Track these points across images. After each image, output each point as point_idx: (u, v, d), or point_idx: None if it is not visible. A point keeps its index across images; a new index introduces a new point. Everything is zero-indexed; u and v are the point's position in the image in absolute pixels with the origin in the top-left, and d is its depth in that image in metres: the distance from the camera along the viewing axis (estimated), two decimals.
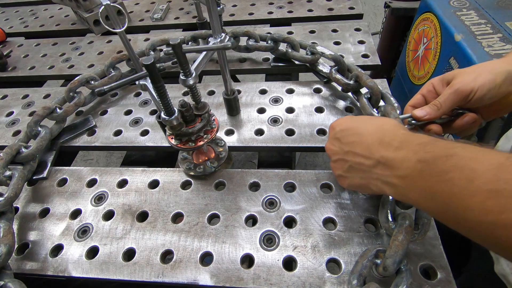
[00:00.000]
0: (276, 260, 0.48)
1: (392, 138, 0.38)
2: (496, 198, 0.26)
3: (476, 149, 0.30)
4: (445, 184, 0.30)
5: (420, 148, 0.34)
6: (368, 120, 0.44)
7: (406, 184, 0.35)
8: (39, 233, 0.56)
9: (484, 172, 0.27)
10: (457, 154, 0.30)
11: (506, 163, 0.27)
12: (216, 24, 0.57)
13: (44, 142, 0.65)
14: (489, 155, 0.29)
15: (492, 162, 0.28)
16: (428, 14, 1.04)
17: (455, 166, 0.29)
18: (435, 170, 0.31)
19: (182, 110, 0.50)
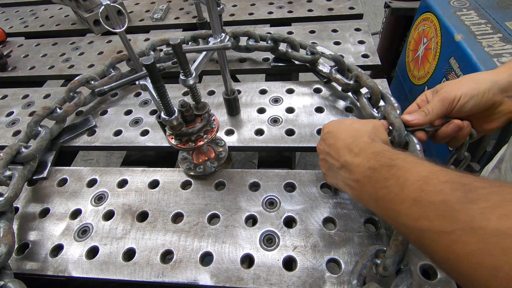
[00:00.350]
0: (276, 260, 0.48)
1: (355, 144, 0.41)
2: (417, 206, 0.29)
3: (414, 161, 0.34)
4: (385, 190, 0.34)
5: (372, 156, 0.38)
6: (349, 125, 0.47)
7: (359, 187, 0.39)
8: (39, 233, 0.56)
9: (413, 182, 0.31)
10: (397, 164, 0.34)
11: (430, 175, 0.30)
12: (216, 24, 0.57)
13: (44, 142, 0.65)
14: (421, 167, 0.32)
15: (421, 173, 0.31)
16: (428, 14, 1.04)
17: (394, 175, 0.33)
18: (379, 177, 0.35)
19: (182, 110, 0.50)
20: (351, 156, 0.41)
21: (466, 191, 0.27)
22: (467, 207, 0.26)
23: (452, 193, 0.27)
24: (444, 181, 0.29)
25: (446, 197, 0.27)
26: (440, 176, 0.30)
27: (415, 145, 0.52)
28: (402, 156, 0.35)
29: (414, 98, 1.20)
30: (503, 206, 0.24)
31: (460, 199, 0.26)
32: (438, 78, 0.97)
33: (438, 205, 0.28)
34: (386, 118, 0.56)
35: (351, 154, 0.41)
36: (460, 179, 0.28)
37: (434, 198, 0.28)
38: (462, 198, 0.26)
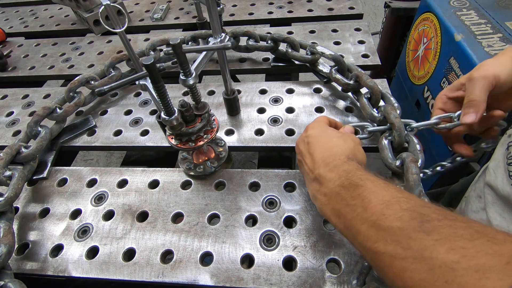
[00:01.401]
0: (276, 260, 0.48)
1: (332, 160, 0.42)
2: (376, 228, 0.30)
3: (381, 184, 0.35)
4: (349, 209, 0.35)
5: (344, 173, 0.38)
6: (331, 138, 0.46)
7: (326, 201, 0.39)
8: (39, 233, 0.56)
9: (376, 205, 0.32)
10: (365, 185, 0.35)
11: (392, 201, 0.31)
12: (216, 24, 0.57)
13: (44, 142, 0.65)
14: (386, 192, 0.33)
15: (385, 198, 0.32)
16: (428, 14, 1.04)
17: (359, 195, 0.34)
18: (346, 195, 0.36)
19: (182, 110, 0.50)
20: (325, 170, 0.41)
21: (423, 221, 0.28)
22: (421, 236, 0.27)
23: (410, 221, 0.28)
24: (405, 208, 0.30)
25: (404, 224, 0.28)
26: (402, 203, 0.31)
27: (415, 145, 0.52)
28: (371, 178, 0.36)
29: (414, 98, 1.20)
30: (452, 240, 0.25)
31: (416, 228, 0.27)
32: (438, 78, 0.97)
33: (395, 231, 0.29)
34: (386, 118, 0.56)
35: (326, 168, 0.41)
36: (420, 209, 0.29)
37: (392, 223, 0.29)
38: (418, 228, 0.27)
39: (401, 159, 0.50)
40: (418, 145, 0.52)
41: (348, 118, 0.68)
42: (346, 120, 0.67)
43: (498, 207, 0.45)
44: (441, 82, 0.95)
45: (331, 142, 0.45)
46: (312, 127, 0.50)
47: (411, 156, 0.48)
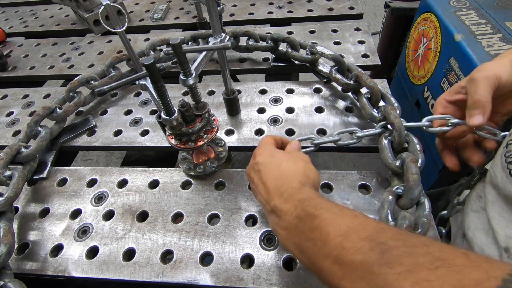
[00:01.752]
0: (276, 260, 0.48)
1: (285, 189, 0.40)
2: (339, 264, 0.29)
3: (337, 212, 0.33)
4: (309, 243, 0.33)
5: (299, 204, 0.36)
6: (279, 164, 0.44)
7: (286, 235, 0.37)
8: (39, 233, 0.56)
9: (334, 237, 0.30)
10: (321, 215, 0.33)
11: (350, 231, 0.30)
12: (216, 24, 0.57)
13: (44, 142, 0.65)
14: (343, 221, 0.32)
15: (342, 228, 0.31)
16: (428, 14, 1.04)
17: (317, 226, 0.33)
18: (305, 228, 0.34)
19: (182, 110, 0.50)
20: (281, 202, 0.39)
21: (383, 252, 0.27)
22: (383, 271, 0.26)
23: (370, 253, 0.27)
24: (363, 238, 0.29)
25: (365, 257, 0.27)
26: (359, 231, 0.30)
27: (415, 145, 0.52)
28: (326, 205, 0.35)
29: (414, 98, 1.20)
30: (414, 272, 0.24)
31: (376, 261, 0.26)
32: (438, 78, 0.97)
33: (357, 266, 0.28)
34: (386, 118, 0.56)
35: (281, 199, 0.39)
36: (377, 237, 0.28)
37: (354, 257, 0.28)
38: (379, 260, 0.26)
39: (401, 159, 0.50)
40: (418, 145, 0.52)
41: (348, 118, 0.68)
42: (346, 120, 0.67)
43: (497, 206, 0.45)
44: (441, 82, 0.95)
45: (281, 167, 0.43)
46: (259, 153, 0.47)
47: (411, 156, 0.48)
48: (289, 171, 0.43)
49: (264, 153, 0.47)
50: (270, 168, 0.44)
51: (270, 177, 0.43)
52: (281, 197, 0.40)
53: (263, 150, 0.47)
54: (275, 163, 0.44)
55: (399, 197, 0.48)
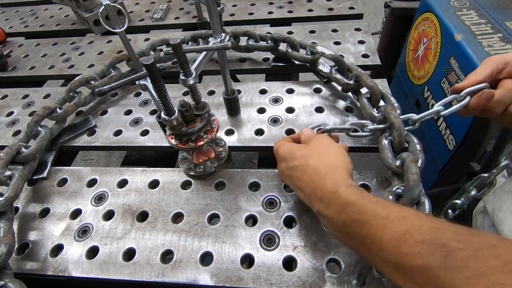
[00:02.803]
0: (276, 260, 0.48)
1: (322, 194, 0.39)
2: (399, 270, 0.29)
3: (386, 214, 0.32)
4: (364, 248, 0.33)
5: (341, 210, 0.36)
6: (306, 162, 0.43)
7: (340, 237, 0.38)
8: (39, 233, 0.56)
9: (389, 242, 0.30)
10: (369, 221, 0.33)
11: (405, 235, 0.29)
12: (216, 24, 0.57)
13: (44, 142, 0.65)
14: (393, 224, 0.31)
15: (394, 232, 0.30)
16: (428, 14, 1.04)
17: (367, 233, 0.32)
18: (355, 235, 0.34)
19: (182, 110, 0.50)
20: (323, 207, 0.39)
21: (445, 255, 0.26)
22: (450, 275, 0.24)
23: (431, 257, 0.26)
24: (420, 241, 0.28)
25: (426, 261, 0.27)
26: (414, 234, 0.29)
27: (415, 145, 0.52)
28: (370, 208, 0.34)
29: (414, 98, 1.20)
30: (486, 276, 0.23)
31: (440, 265, 0.25)
32: (438, 78, 0.97)
33: (420, 271, 0.27)
34: (386, 118, 0.56)
35: (321, 204, 0.39)
36: (437, 239, 0.27)
37: (413, 262, 0.27)
38: (443, 264, 0.25)
39: (401, 159, 0.50)
40: (418, 145, 0.52)
41: (348, 118, 0.68)
42: (346, 120, 0.67)
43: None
44: (441, 82, 0.95)
45: (307, 170, 0.43)
46: (282, 158, 0.47)
47: (411, 156, 0.48)
48: (317, 172, 0.41)
49: (286, 156, 0.47)
50: (298, 172, 0.44)
51: (303, 183, 0.43)
52: (321, 202, 0.39)
53: (283, 153, 0.48)
54: (301, 166, 0.44)
55: (399, 197, 0.48)
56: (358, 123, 0.58)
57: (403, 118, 0.55)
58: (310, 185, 0.41)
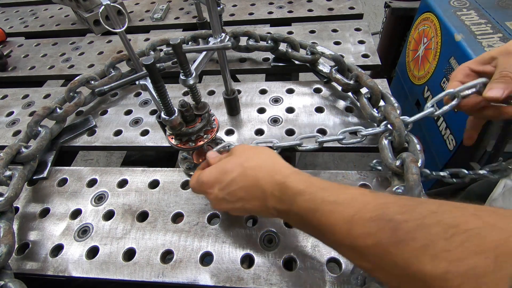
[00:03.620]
0: (276, 260, 0.48)
1: (272, 188, 0.38)
2: (354, 251, 0.30)
3: (333, 199, 0.33)
4: (320, 235, 0.34)
5: (293, 200, 0.36)
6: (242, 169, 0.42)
7: (300, 227, 0.40)
8: (39, 233, 0.56)
9: (341, 226, 0.30)
10: (319, 208, 0.33)
11: (354, 217, 0.30)
12: (216, 24, 0.57)
13: (44, 142, 0.65)
14: (343, 206, 0.31)
15: (344, 215, 0.31)
16: (428, 14, 1.04)
17: (320, 221, 0.33)
18: (310, 223, 0.34)
19: (182, 110, 0.50)
20: (276, 201, 0.38)
21: (393, 230, 0.26)
22: (400, 249, 0.25)
23: (381, 234, 0.27)
24: (368, 219, 0.29)
25: (376, 239, 0.27)
26: (363, 213, 0.29)
27: (415, 145, 0.52)
28: (319, 195, 0.34)
29: (414, 98, 1.20)
30: (431, 245, 0.23)
31: (390, 240, 0.26)
32: (438, 78, 0.97)
33: (372, 249, 0.27)
34: (386, 118, 0.56)
35: (274, 198, 0.38)
36: (383, 215, 0.28)
37: (366, 241, 0.28)
38: (392, 239, 0.26)
39: (401, 159, 0.50)
40: (418, 145, 0.52)
41: (348, 118, 0.68)
42: (346, 120, 0.67)
43: None
44: (441, 82, 0.95)
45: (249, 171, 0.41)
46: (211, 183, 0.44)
47: (411, 156, 0.48)
48: (259, 169, 0.41)
49: (217, 177, 0.43)
50: (239, 181, 0.41)
51: (248, 188, 0.40)
52: (273, 196, 0.38)
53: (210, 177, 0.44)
54: (239, 173, 0.41)
55: None
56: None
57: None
58: (257, 186, 0.40)
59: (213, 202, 0.46)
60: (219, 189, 0.43)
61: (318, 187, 0.35)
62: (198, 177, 0.46)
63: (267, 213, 0.41)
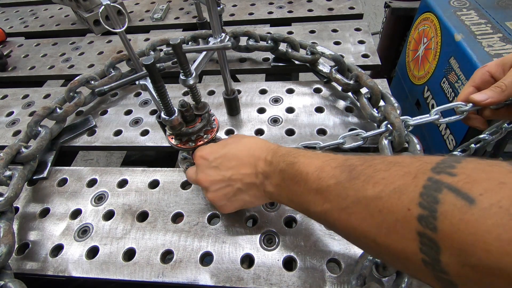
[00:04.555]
0: (276, 260, 0.48)
1: (267, 151, 0.43)
2: (319, 193, 0.34)
3: (313, 155, 0.38)
4: (295, 187, 0.37)
5: (281, 159, 0.40)
6: (238, 142, 0.47)
7: (278, 191, 0.41)
8: (39, 233, 0.56)
9: (312, 173, 0.35)
10: (299, 161, 0.38)
11: (324, 165, 0.35)
12: (216, 24, 0.57)
13: (44, 142, 0.65)
14: (317, 160, 0.36)
15: (317, 165, 0.35)
16: (428, 14, 1.04)
17: (298, 170, 0.37)
18: (289, 176, 0.38)
19: (182, 110, 0.50)
20: (267, 165, 0.42)
21: (351, 171, 0.31)
22: (353, 182, 0.30)
23: (341, 175, 0.32)
24: (334, 166, 0.34)
25: (338, 179, 0.32)
26: (331, 163, 0.35)
27: (415, 145, 0.52)
28: (302, 152, 0.39)
29: (414, 98, 1.20)
30: (374, 176, 0.29)
31: (347, 178, 0.31)
32: (438, 78, 0.97)
33: (333, 187, 0.32)
34: (386, 118, 0.56)
35: (265, 162, 0.42)
36: (346, 162, 0.33)
37: (329, 182, 0.33)
38: (349, 177, 0.31)
39: None
40: (418, 145, 0.52)
41: (348, 118, 0.68)
42: (346, 120, 0.67)
43: None
44: (441, 82, 0.95)
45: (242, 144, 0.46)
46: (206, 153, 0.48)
47: None
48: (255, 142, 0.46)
49: (213, 151, 0.47)
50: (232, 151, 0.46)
51: (242, 155, 0.45)
52: (265, 161, 0.42)
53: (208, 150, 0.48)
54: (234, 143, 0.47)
55: None
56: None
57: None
58: (249, 153, 0.44)
59: (203, 173, 0.47)
60: (214, 158, 0.46)
61: (303, 150, 0.40)
62: (196, 151, 0.50)
63: (254, 183, 0.44)
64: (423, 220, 0.23)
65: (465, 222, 0.21)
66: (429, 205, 0.23)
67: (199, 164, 0.48)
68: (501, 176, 0.22)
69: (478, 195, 0.21)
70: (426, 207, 0.23)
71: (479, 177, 0.22)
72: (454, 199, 0.22)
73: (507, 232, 0.19)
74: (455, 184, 0.22)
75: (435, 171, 0.24)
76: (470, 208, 0.21)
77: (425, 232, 0.23)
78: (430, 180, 0.24)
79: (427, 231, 0.23)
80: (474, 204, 0.21)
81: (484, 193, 0.21)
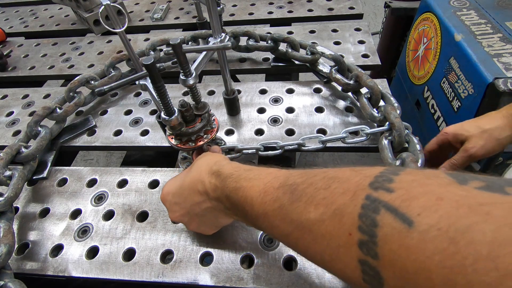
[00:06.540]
0: (276, 260, 0.48)
1: (210, 178, 0.41)
2: (267, 218, 0.32)
3: (255, 175, 0.36)
4: (244, 212, 0.36)
5: (224, 184, 0.39)
6: (190, 170, 0.46)
7: (234, 212, 0.40)
8: (39, 233, 0.56)
9: (257, 198, 0.33)
10: (242, 185, 0.36)
11: (266, 187, 0.33)
12: (216, 24, 0.57)
13: (44, 142, 0.65)
14: (259, 181, 0.34)
15: (260, 188, 0.34)
16: (428, 14, 1.04)
17: (242, 197, 0.35)
18: (236, 202, 0.37)
19: (182, 110, 0.50)
20: (214, 190, 0.40)
21: (292, 191, 0.30)
22: (295, 205, 0.28)
23: (284, 196, 0.30)
24: (277, 187, 0.32)
25: (281, 201, 0.30)
26: (274, 183, 0.33)
27: (415, 145, 0.52)
28: (244, 174, 0.37)
29: (414, 98, 1.20)
30: (315, 196, 0.27)
31: (289, 200, 0.29)
32: (438, 78, 0.97)
33: (278, 211, 0.30)
34: (386, 118, 0.56)
35: (212, 187, 0.41)
36: (287, 181, 0.31)
37: (274, 206, 0.31)
38: (291, 199, 0.29)
39: (401, 159, 0.50)
40: (418, 145, 0.52)
41: (348, 118, 0.68)
42: (346, 120, 0.67)
43: None
44: (441, 82, 0.95)
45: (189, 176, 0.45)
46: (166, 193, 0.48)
47: (411, 156, 0.48)
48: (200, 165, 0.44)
49: (169, 189, 0.47)
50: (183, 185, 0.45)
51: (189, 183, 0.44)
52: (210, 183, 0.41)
53: (166, 189, 0.48)
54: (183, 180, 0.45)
55: None
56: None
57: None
58: (198, 179, 0.43)
59: (171, 211, 0.48)
60: (173, 193, 0.46)
61: (244, 169, 0.38)
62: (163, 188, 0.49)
63: (211, 207, 0.43)
64: (364, 247, 0.22)
65: (405, 248, 0.19)
66: (368, 229, 0.22)
67: (165, 203, 0.48)
68: (439, 190, 0.20)
69: (416, 215, 0.20)
70: (365, 231, 0.22)
71: (417, 193, 0.21)
72: (393, 221, 0.20)
73: (448, 259, 0.17)
74: (393, 202, 0.21)
75: (373, 186, 0.23)
76: (409, 232, 0.19)
77: (367, 259, 0.22)
78: (368, 199, 0.23)
79: (368, 259, 0.22)
80: (413, 226, 0.19)
81: (422, 212, 0.20)
